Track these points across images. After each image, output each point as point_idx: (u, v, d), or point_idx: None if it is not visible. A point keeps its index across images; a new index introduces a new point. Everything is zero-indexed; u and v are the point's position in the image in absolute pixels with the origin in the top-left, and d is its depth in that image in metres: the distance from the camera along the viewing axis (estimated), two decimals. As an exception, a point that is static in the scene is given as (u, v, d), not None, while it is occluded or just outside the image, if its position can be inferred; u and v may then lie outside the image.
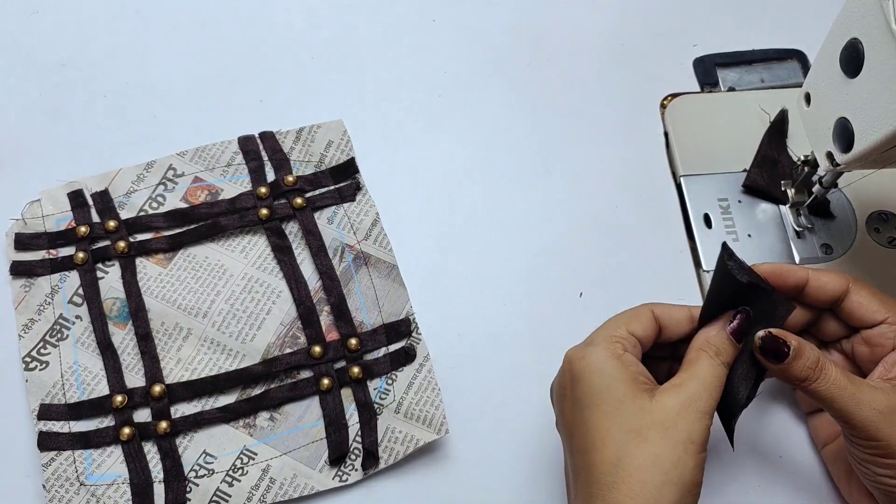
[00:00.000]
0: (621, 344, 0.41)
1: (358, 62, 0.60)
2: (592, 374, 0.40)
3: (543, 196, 0.56)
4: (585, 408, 0.39)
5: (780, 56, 0.61)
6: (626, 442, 0.38)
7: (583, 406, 0.40)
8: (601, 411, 0.39)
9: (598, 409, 0.39)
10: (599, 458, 0.38)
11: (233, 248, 0.53)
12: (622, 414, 0.38)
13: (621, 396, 0.39)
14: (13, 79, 0.59)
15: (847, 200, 0.55)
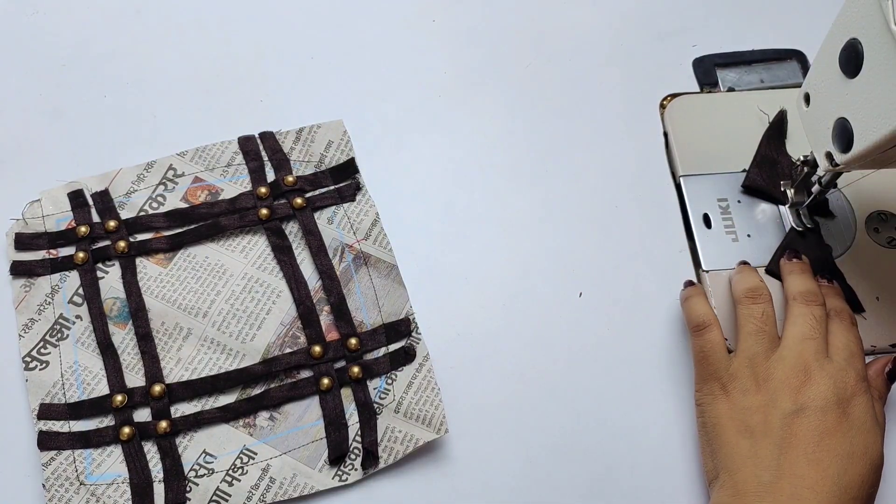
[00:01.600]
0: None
1: (358, 62, 0.60)
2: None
3: (543, 196, 0.56)
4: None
5: (780, 56, 0.61)
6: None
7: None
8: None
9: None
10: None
11: (233, 248, 0.53)
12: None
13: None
14: (13, 79, 0.59)
15: (846, 200, 0.55)
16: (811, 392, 0.43)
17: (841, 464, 0.41)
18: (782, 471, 0.41)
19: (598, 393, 0.50)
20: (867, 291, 0.52)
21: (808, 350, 0.45)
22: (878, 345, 0.51)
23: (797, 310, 0.47)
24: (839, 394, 0.43)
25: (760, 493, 0.41)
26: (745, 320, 0.47)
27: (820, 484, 0.40)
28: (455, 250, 0.54)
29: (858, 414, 0.43)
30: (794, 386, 0.44)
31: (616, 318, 0.53)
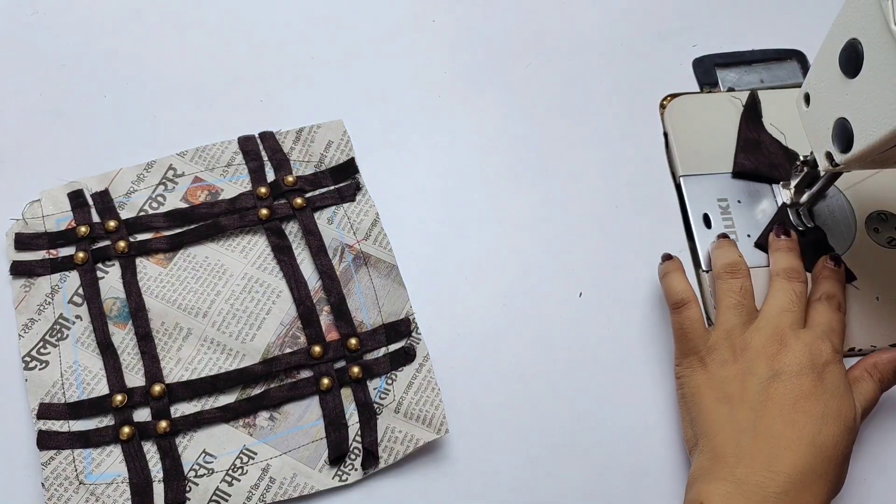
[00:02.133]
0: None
1: (358, 62, 0.60)
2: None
3: (543, 196, 0.56)
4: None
5: (780, 56, 0.61)
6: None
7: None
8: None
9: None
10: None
11: (233, 248, 0.53)
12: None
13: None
14: (13, 79, 0.59)
15: (846, 200, 0.55)
16: (786, 358, 0.44)
17: (816, 424, 0.42)
18: (759, 432, 0.42)
19: (598, 393, 0.50)
20: (867, 291, 0.52)
21: (784, 321, 0.46)
22: (878, 344, 0.51)
23: (778, 284, 0.48)
24: (813, 360, 0.44)
25: (738, 455, 0.42)
26: (723, 294, 0.49)
27: (796, 443, 0.41)
28: (455, 250, 0.54)
29: (832, 379, 0.44)
30: (769, 354, 0.45)
31: (616, 318, 0.53)
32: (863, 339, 0.51)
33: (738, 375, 0.45)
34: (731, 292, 0.48)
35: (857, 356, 0.51)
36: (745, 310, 0.48)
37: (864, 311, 0.52)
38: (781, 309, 0.47)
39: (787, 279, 0.49)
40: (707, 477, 0.42)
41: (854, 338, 0.51)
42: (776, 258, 0.50)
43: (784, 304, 0.47)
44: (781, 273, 0.49)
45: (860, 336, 0.51)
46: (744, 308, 0.48)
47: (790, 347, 0.45)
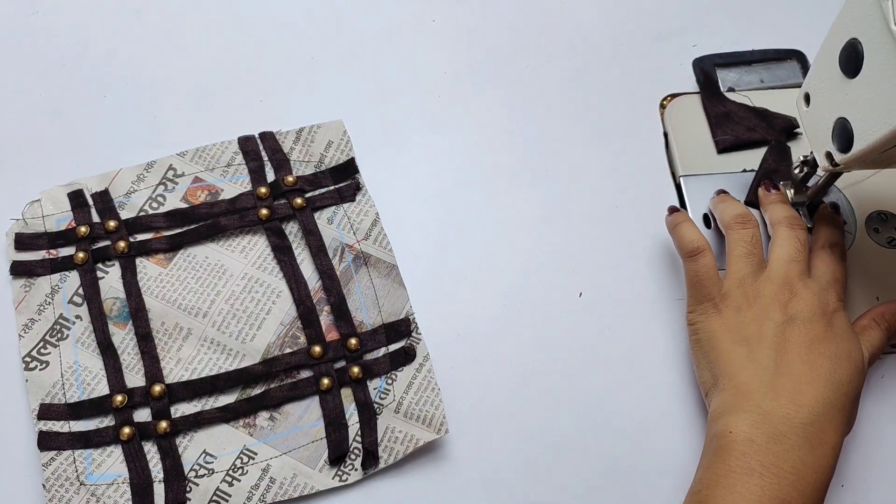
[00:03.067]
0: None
1: (358, 62, 0.60)
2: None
3: (543, 196, 0.56)
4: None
5: (780, 56, 0.61)
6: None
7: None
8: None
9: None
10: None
11: (233, 248, 0.53)
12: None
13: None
14: (13, 79, 0.59)
15: (847, 200, 0.55)
16: (798, 305, 0.46)
17: (831, 364, 0.44)
18: (780, 371, 0.44)
19: (598, 393, 0.50)
20: (867, 291, 0.52)
21: (793, 271, 0.47)
22: (878, 345, 0.51)
23: (783, 233, 0.49)
24: (823, 308, 0.46)
25: (763, 390, 0.43)
26: (735, 244, 0.49)
27: (816, 380, 0.43)
28: (455, 250, 0.54)
29: (840, 325, 0.46)
30: (782, 301, 0.46)
31: (616, 318, 0.53)
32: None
33: (755, 319, 0.46)
34: (743, 242, 0.49)
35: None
36: (756, 259, 0.48)
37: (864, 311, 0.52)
38: (789, 258, 0.48)
39: (789, 227, 0.49)
40: (733, 409, 0.44)
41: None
42: (773, 210, 0.51)
43: (791, 254, 0.48)
44: (784, 221, 0.50)
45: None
46: (754, 257, 0.48)
47: (800, 296, 0.46)
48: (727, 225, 0.50)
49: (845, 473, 0.48)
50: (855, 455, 0.48)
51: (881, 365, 0.51)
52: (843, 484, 0.48)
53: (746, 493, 0.40)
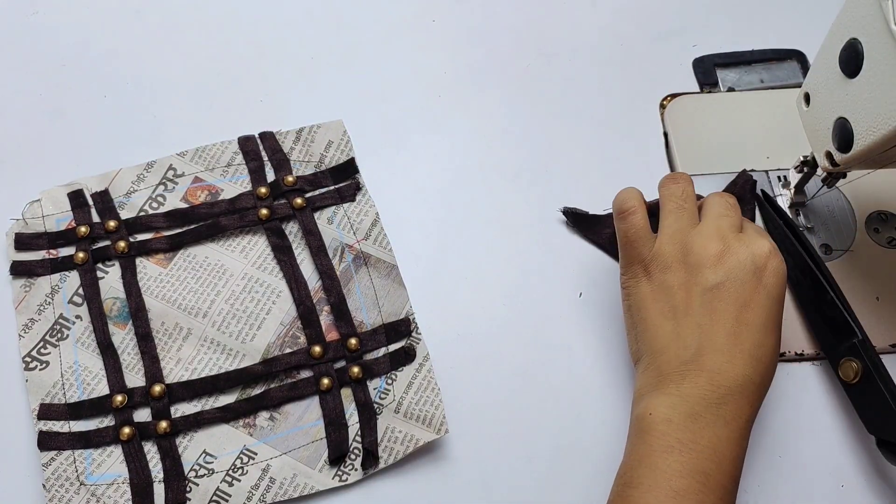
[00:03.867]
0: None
1: (358, 62, 0.60)
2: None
3: (543, 196, 0.56)
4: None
5: (780, 56, 0.61)
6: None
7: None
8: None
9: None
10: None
11: (233, 248, 0.53)
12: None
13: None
14: (13, 79, 0.59)
15: (847, 200, 0.55)
16: (729, 261, 0.45)
17: (756, 336, 0.44)
18: (703, 347, 0.44)
19: (598, 393, 0.50)
20: (867, 291, 0.52)
21: (724, 224, 0.47)
22: (878, 345, 0.51)
23: (712, 198, 0.49)
24: (755, 261, 0.45)
25: (682, 371, 0.43)
26: (665, 199, 0.49)
27: (738, 356, 0.43)
28: (455, 250, 0.54)
29: (773, 283, 0.45)
30: (713, 256, 0.45)
31: (616, 319, 0.52)
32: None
33: (683, 284, 0.45)
34: (673, 196, 0.48)
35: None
36: (687, 213, 0.48)
37: (864, 311, 0.52)
38: (720, 213, 0.47)
39: (719, 195, 0.49)
40: (654, 391, 0.44)
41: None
42: (709, 195, 0.50)
43: (722, 210, 0.47)
44: (714, 193, 0.50)
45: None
46: (685, 211, 0.48)
47: (732, 250, 0.45)
48: (660, 185, 0.50)
49: (845, 473, 0.48)
50: (855, 455, 0.48)
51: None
52: (843, 484, 0.48)
53: (667, 469, 0.41)
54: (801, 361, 0.51)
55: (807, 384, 0.51)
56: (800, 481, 0.48)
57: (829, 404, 0.50)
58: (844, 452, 0.49)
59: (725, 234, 0.46)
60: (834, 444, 0.49)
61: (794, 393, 0.50)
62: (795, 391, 0.50)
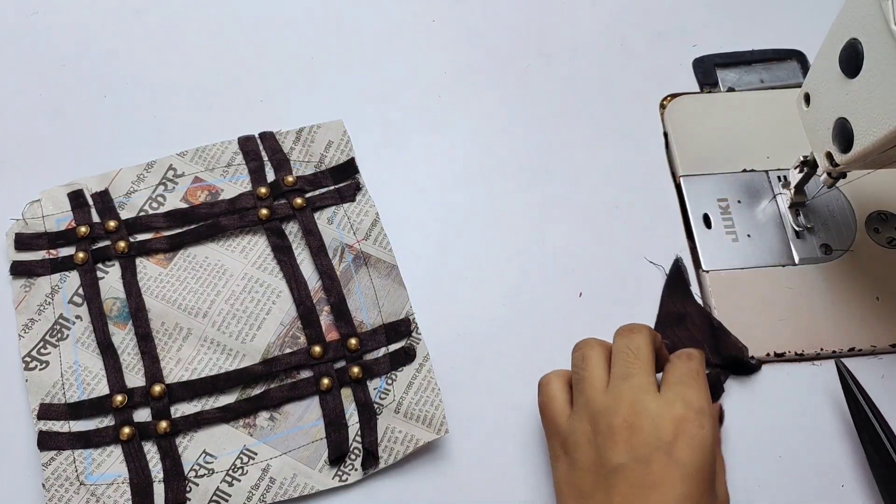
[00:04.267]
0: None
1: (358, 62, 0.60)
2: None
3: (543, 196, 0.56)
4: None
5: (780, 56, 0.61)
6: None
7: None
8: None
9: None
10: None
11: (233, 248, 0.53)
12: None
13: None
14: (13, 79, 0.59)
15: (846, 200, 0.55)
16: (634, 437, 0.40)
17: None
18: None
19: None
20: (867, 291, 0.52)
21: (631, 389, 0.41)
22: (878, 345, 0.51)
23: (618, 355, 0.43)
24: (661, 434, 0.39)
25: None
26: (572, 371, 0.44)
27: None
28: (455, 250, 0.54)
29: (686, 456, 0.39)
30: (619, 430, 0.40)
31: (616, 319, 0.52)
32: (863, 340, 0.51)
33: (592, 466, 0.40)
34: (575, 366, 0.44)
35: (857, 356, 0.51)
36: (588, 384, 0.43)
37: (864, 311, 0.52)
38: (625, 375, 0.42)
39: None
40: None
41: (854, 338, 0.51)
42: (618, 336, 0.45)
43: (626, 371, 0.42)
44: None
45: (860, 336, 0.51)
46: (584, 381, 0.43)
47: (639, 421, 0.40)
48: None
49: (845, 473, 0.48)
50: (855, 455, 0.48)
51: (881, 365, 0.51)
52: (843, 484, 0.48)
53: None
54: (801, 361, 0.51)
55: (807, 384, 0.50)
56: (800, 481, 0.48)
57: (829, 404, 0.50)
58: (844, 452, 0.49)
59: (637, 399, 0.40)
60: (834, 444, 0.49)
61: (794, 393, 0.50)
62: (795, 391, 0.50)
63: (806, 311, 0.52)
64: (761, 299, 0.52)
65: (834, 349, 0.51)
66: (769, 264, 0.53)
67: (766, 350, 0.51)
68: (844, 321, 0.52)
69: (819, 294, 0.52)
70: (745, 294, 0.52)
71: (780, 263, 0.53)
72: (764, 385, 0.50)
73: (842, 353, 0.51)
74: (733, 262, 0.53)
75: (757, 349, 0.51)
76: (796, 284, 0.53)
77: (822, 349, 0.51)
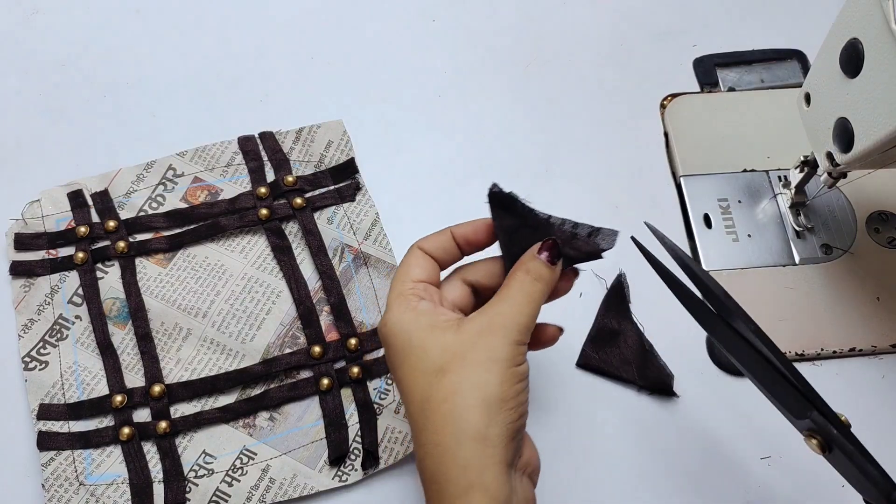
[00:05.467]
0: (414, 295, 0.40)
1: (358, 62, 0.60)
2: (394, 335, 0.40)
3: (543, 196, 0.56)
4: (397, 368, 0.39)
5: (780, 56, 0.61)
6: (429, 383, 0.38)
7: (395, 368, 0.40)
8: (407, 365, 0.39)
9: (405, 363, 0.39)
10: (412, 408, 0.38)
11: (233, 248, 0.53)
12: (426, 360, 0.38)
13: (422, 344, 0.39)
14: (13, 79, 0.59)
15: (847, 200, 0.55)
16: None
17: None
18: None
19: (597, 392, 0.50)
20: (867, 291, 0.52)
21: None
22: (878, 345, 0.51)
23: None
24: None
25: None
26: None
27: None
28: (455, 250, 0.54)
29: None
30: None
31: (616, 319, 0.52)
32: (863, 340, 0.51)
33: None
34: None
35: (857, 356, 0.51)
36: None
37: (865, 311, 0.52)
38: None
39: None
40: None
41: (855, 338, 0.51)
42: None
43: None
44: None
45: (861, 336, 0.51)
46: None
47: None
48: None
49: (846, 474, 0.48)
50: (855, 455, 0.48)
51: (882, 365, 0.51)
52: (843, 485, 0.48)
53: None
54: (802, 361, 0.51)
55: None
56: (799, 481, 0.48)
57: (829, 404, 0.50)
58: (845, 453, 0.49)
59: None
60: (834, 444, 0.49)
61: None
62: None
63: (806, 311, 0.52)
64: (762, 299, 0.52)
65: (834, 349, 0.51)
66: (769, 264, 0.53)
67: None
68: (845, 321, 0.52)
69: (819, 294, 0.52)
70: (746, 294, 0.52)
71: (781, 263, 0.53)
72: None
73: (842, 352, 0.51)
74: (734, 262, 0.53)
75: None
76: (797, 284, 0.53)
77: (823, 349, 0.51)
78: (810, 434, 0.40)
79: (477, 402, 0.37)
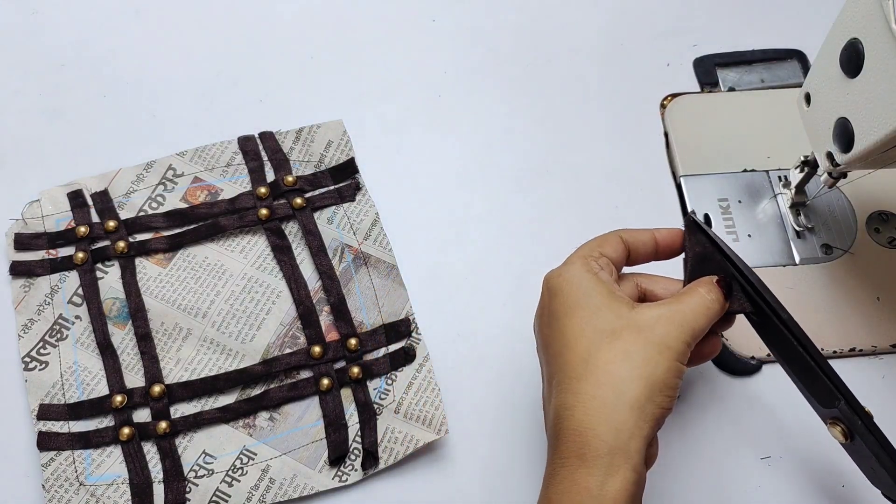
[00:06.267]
0: (596, 262, 0.42)
1: (358, 62, 0.60)
2: (570, 286, 0.41)
3: (543, 196, 0.56)
4: (563, 316, 0.41)
5: (780, 56, 0.61)
6: (599, 340, 0.39)
7: (559, 316, 0.41)
8: (577, 317, 0.40)
9: (575, 315, 0.40)
10: (571, 356, 0.39)
11: (232, 248, 0.53)
12: (598, 317, 0.40)
13: (598, 303, 0.40)
14: (13, 79, 0.59)
15: (847, 200, 0.55)
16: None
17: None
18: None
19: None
20: (867, 291, 0.52)
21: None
22: (878, 345, 0.51)
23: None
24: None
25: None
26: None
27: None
28: (455, 250, 0.54)
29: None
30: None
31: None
32: (863, 339, 0.51)
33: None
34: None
35: (858, 356, 0.51)
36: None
37: (865, 311, 0.52)
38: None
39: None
40: None
41: (855, 338, 0.51)
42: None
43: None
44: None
45: (861, 336, 0.51)
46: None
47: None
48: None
49: (845, 473, 0.48)
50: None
51: (882, 365, 0.51)
52: (843, 485, 0.48)
53: None
54: (802, 362, 0.51)
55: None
56: (800, 481, 0.48)
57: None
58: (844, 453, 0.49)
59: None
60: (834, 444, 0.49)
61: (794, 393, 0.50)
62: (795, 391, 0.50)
63: (807, 311, 0.52)
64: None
65: (834, 349, 0.51)
66: (770, 264, 0.53)
67: (766, 350, 0.51)
68: (845, 321, 0.52)
69: (820, 294, 0.52)
70: (746, 294, 0.52)
71: (781, 263, 0.53)
72: (764, 385, 0.50)
73: (842, 352, 0.51)
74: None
75: (757, 349, 0.51)
76: (797, 284, 0.53)
77: (823, 349, 0.51)
78: (834, 422, 0.41)
79: (643, 376, 0.38)
